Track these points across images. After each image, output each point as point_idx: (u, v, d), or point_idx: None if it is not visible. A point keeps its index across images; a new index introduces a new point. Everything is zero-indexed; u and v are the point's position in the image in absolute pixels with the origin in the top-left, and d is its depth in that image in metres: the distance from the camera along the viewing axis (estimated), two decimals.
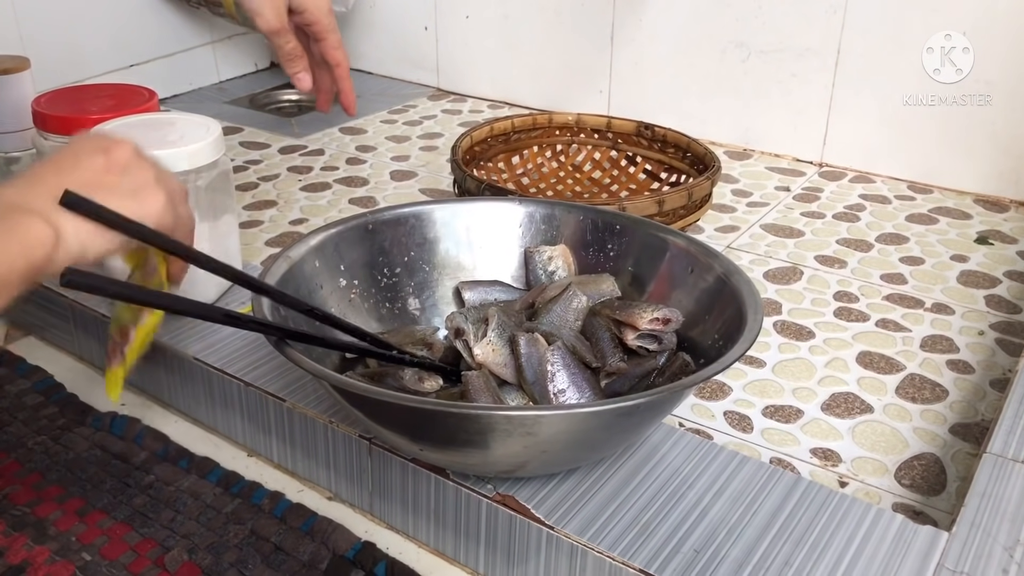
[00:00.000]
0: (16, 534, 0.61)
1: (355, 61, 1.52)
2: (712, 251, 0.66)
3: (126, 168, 0.54)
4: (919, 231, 1.00)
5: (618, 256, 0.71)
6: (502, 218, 0.73)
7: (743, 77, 1.17)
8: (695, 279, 0.66)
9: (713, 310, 0.63)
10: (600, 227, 0.72)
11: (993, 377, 0.75)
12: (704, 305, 0.64)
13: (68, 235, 0.49)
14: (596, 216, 0.72)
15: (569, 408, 0.56)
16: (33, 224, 0.48)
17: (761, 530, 0.54)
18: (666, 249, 0.68)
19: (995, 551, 0.52)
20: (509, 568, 0.57)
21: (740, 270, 0.63)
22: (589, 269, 0.72)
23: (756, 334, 0.55)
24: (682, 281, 0.67)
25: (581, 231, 0.72)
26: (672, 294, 0.67)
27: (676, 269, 0.68)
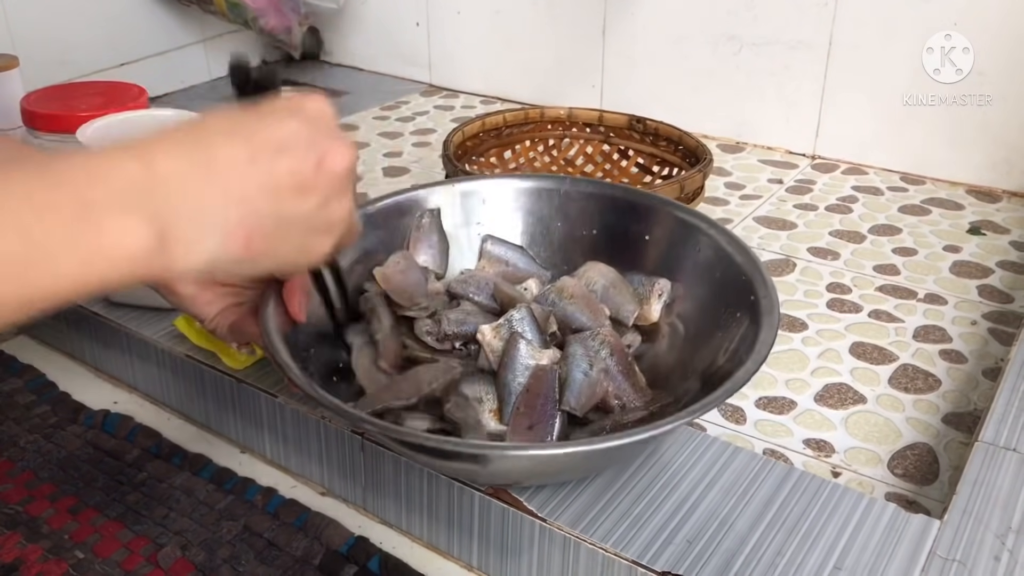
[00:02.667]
0: (9, 532, 0.61)
1: (347, 58, 1.52)
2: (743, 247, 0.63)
3: (328, 191, 0.41)
4: (912, 222, 1.00)
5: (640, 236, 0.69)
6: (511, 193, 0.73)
7: (735, 70, 1.17)
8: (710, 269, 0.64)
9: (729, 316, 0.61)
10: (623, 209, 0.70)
11: (986, 366, 0.75)
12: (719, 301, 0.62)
13: (182, 246, 0.37)
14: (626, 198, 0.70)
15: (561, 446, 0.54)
16: (131, 229, 0.36)
17: (753, 520, 0.54)
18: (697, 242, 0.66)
19: (987, 538, 0.52)
20: (502, 561, 0.57)
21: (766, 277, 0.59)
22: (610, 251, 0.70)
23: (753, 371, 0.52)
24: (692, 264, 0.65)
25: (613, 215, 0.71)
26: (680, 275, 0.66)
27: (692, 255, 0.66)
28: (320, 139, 0.40)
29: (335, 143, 0.41)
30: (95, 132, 0.74)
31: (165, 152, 0.37)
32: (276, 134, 0.40)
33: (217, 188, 0.38)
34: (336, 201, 0.42)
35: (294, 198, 0.40)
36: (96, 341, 0.78)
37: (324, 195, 0.41)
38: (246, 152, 0.39)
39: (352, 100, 1.38)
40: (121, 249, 0.36)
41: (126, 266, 0.36)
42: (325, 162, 0.40)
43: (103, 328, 0.76)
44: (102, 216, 0.35)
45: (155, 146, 0.38)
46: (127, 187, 0.36)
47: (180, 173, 0.37)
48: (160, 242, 0.36)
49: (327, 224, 0.42)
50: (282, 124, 0.40)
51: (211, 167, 0.38)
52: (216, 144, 0.38)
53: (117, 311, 0.76)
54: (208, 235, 0.38)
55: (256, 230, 0.39)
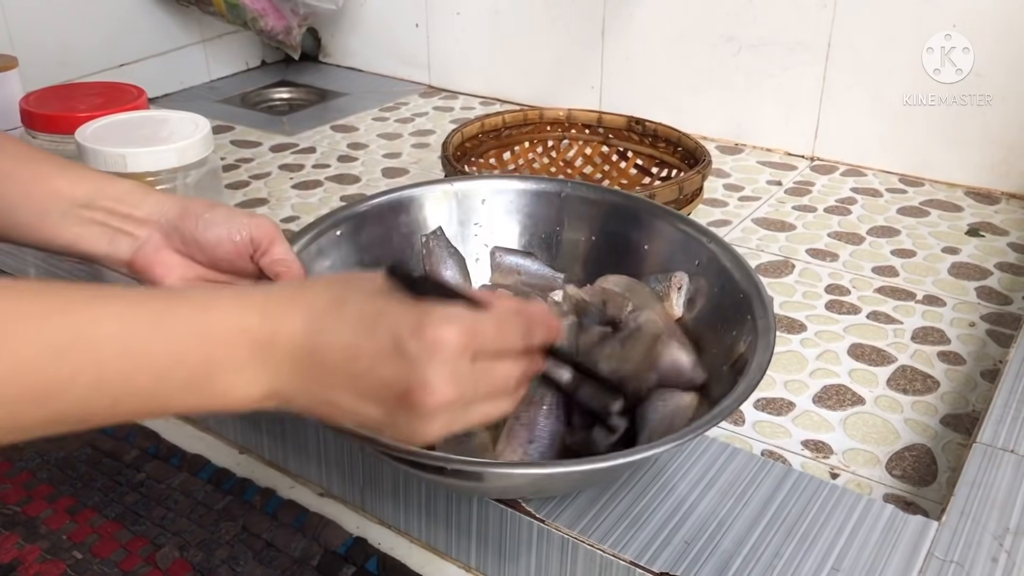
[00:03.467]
0: (7, 533, 0.61)
1: (346, 59, 1.52)
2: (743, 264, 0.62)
3: (403, 421, 0.43)
4: (910, 224, 1.00)
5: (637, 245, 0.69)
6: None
7: (734, 71, 1.17)
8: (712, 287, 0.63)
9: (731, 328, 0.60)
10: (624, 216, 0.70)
11: (984, 368, 0.75)
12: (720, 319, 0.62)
13: (283, 400, 0.43)
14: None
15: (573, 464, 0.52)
16: (240, 387, 0.42)
17: (752, 521, 0.54)
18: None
19: (985, 540, 0.52)
20: (501, 562, 0.57)
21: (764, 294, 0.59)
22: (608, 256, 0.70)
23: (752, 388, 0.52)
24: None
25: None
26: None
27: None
28: (417, 372, 0.41)
29: (430, 382, 0.42)
30: (94, 133, 0.74)
31: (291, 323, 0.42)
32: (379, 348, 0.42)
33: (317, 372, 0.42)
34: (416, 424, 0.43)
35: (372, 408, 0.43)
36: None
37: (402, 417, 0.43)
38: (350, 354, 0.42)
39: (351, 101, 1.38)
40: (231, 400, 0.42)
41: (230, 408, 0.42)
42: (409, 396, 0.42)
43: None
44: (223, 374, 0.41)
45: (287, 311, 0.42)
46: (252, 347, 0.41)
47: (296, 347, 0.42)
48: (263, 397, 0.42)
49: (405, 436, 0.44)
50: (388, 341, 0.42)
51: (319, 352, 0.42)
52: (330, 333, 0.42)
53: None
54: (299, 401, 0.43)
55: (335, 414, 0.44)
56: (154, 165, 0.72)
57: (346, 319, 0.42)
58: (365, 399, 0.43)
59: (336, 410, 0.43)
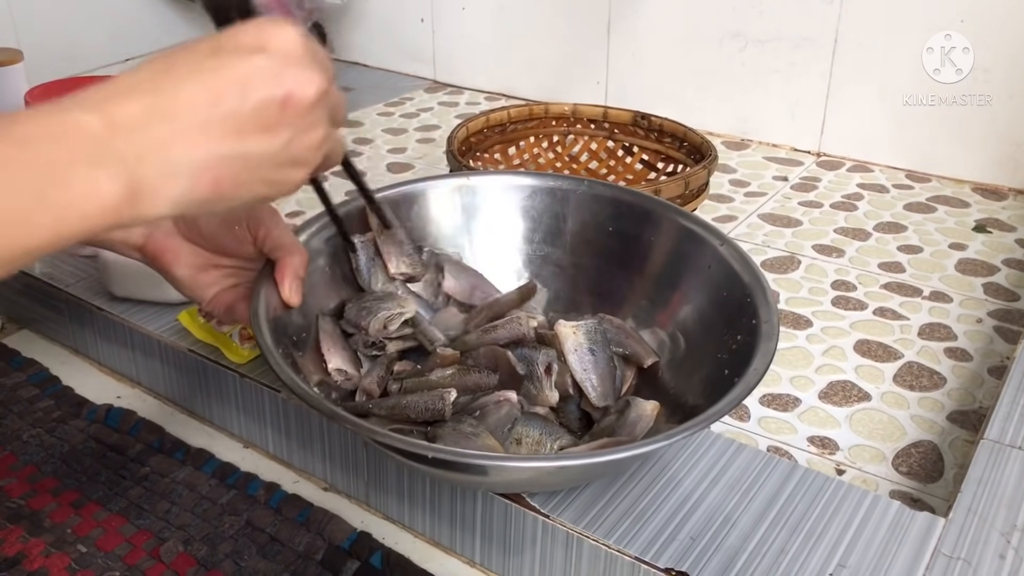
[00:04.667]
0: (11, 526, 0.61)
1: (351, 54, 1.52)
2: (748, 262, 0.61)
3: (296, 126, 0.40)
4: (917, 220, 1.00)
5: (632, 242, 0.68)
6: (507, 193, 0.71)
7: (740, 67, 1.17)
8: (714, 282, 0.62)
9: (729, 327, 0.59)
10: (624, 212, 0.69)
11: (991, 364, 0.75)
12: (719, 316, 0.61)
13: (150, 194, 0.37)
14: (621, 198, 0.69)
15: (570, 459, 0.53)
16: (99, 184, 0.36)
17: (757, 517, 0.54)
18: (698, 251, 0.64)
19: (992, 536, 0.52)
20: (505, 557, 0.57)
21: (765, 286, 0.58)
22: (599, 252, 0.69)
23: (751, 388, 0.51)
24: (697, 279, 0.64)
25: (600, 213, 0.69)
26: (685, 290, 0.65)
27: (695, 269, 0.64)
28: (286, 72, 0.39)
29: (301, 74, 0.40)
30: None
31: (123, 102, 0.37)
32: (238, 72, 0.39)
33: (179, 133, 0.37)
34: (306, 134, 0.41)
35: (260, 137, 0.39)
36: (99, 336, 0.78)
37: (292, 131, 0.40)
38: (207, 94, 0.38)
39: (356, 96, 1.38)
40: (92, 203, 0.36)
41: (98, 219, 0.36)
42: (292, 97, 0.39)
43: (106, 323, 0.76)
44: (69, 174, 0.35)
45: (113, 96, 0.37)
46: (90, 142, 0.36)
47: (141, 121, 0.37)
48: (129, 192, 0.36)
49: (297, 158, 0.41)
50: (245, 61, 0.39)
51: (172, 112, 0.37)
52: (176, 87, 0.38)
53: (120, 306, 0.76)
54: (175, 180, 0.38)
55: (223, 171, 0.39)
56: None
57: (186, 70, 0.38)
58: (247, 133, 0.39)
59: (222, 169, 0.39)
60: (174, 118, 0.37)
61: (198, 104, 0.38)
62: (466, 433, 0.55)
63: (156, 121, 0.37)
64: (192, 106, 0.38)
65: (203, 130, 0.38)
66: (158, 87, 0.38)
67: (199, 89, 0.38)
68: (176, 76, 0.38)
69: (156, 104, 0.37)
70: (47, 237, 0.35)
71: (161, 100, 0.38)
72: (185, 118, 0.38)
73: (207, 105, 0.38)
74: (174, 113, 0.37)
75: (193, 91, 0.38)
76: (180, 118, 0.37)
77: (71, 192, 0.35)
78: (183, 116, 0.38)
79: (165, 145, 0.37)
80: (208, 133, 0.38)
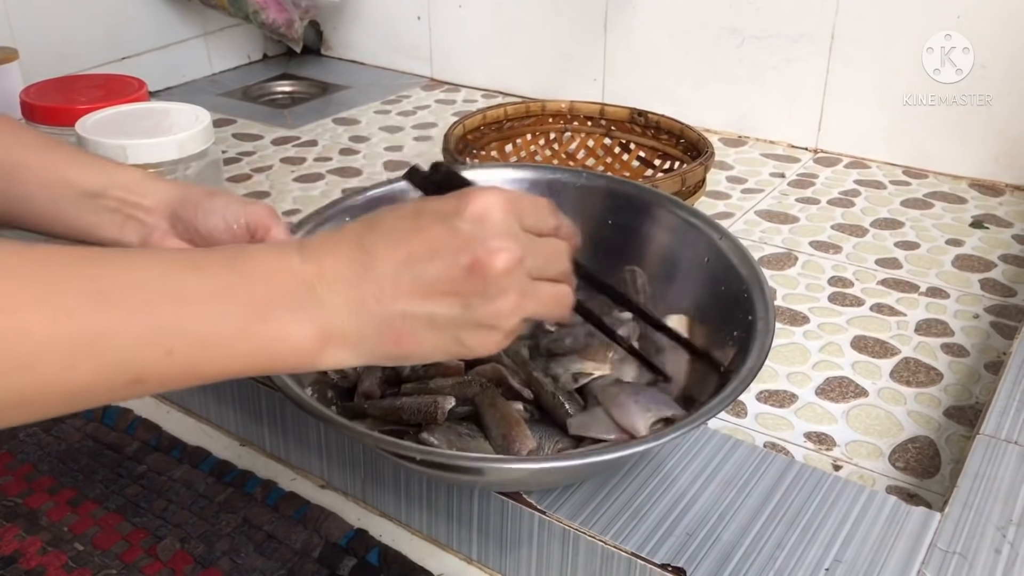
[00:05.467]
0: (8, 525, 0.61)
1: (348, 52, 1.52)
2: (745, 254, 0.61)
3: (478, 293, 0.41)
4: (914, 216, 1.00)
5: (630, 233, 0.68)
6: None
7: (737, 63, 1.17)
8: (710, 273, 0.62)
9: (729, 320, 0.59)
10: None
11: (988, 360, 0.75)
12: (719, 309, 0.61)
13: (340, 342, 0.40)
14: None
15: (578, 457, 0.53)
16: (297, 325, 0.39)
17: (754, 513, 0.54)
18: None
19: (988, 531, 0.52)
20: (502, 554, 0.57)
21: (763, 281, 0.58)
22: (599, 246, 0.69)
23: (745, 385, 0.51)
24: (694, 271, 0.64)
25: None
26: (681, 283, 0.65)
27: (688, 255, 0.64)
28: (476, 240, 0.41)
29: (492, 243, 0.41)
30: (95, 124, 0.74)
31: (331, 253, 0.41)
32: (431, 235, 0.41)
33: (373, 290, 0.40)
34: (493, 302, 0.42)
35: (444, 300, 0.41)
36: None
37: (477, 298, 0.41)
38: (402, 253, 0.41)
39: (353, 94, 1.38)
40: (287, 344, 0.39)
41: (289, 358, 0.40)
42: (477, 265, 0.41)
43: None
44: (272, 311, 0.39)
45: (323, 246, 0.41)
46: (296, 285, 0.39)
47: (344, 276, 0.40)
48: (320, 340, 0.40)
49: (485, 324, 0.42)
50: (441, 224, 0.41)
51: (370, 269, 0.40)
52: (376, 247, 0.41)
53: None
54: (364, 335, 0.41)
55: (406, 329, 0.41)
56: (154, 156, 0.72)
57: (386, 230, 0.41)
58: (433, 295, 0.41)
59: (406, 326, 0.41)
60: (371, 276, 0.40)
61: (392, 262, 0.40)
62: (461, 434, 0.55)
63: (356, 273, 0.40)
64: (387, 263, 0.40)
65: (394, 286, 0.40)
66: (361, 246, 0.41)
67: (395, 248, 0.41)
68: (378, 233, 0.42)
69: (357, 261, 0.40)
70: (238, 366, 0.39)
71: (362, 258, 0.41)
72: (379, 278, 0.40)
73: (400, 264, 0.40)
74: (371, 272, 0.40)
75: (390, 249, 0.41)
76: (375, 277, 0.40)
77: (270, 328, 0.39)
78: (379, 271, 0.40)
79: (362, 298, 0.40)
80: (397, 290, 0.40)
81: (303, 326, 0.39)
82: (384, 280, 0.40)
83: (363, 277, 0.40)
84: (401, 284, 0.40)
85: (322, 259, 0.40)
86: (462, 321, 0.42)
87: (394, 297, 0.40)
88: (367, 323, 0.40)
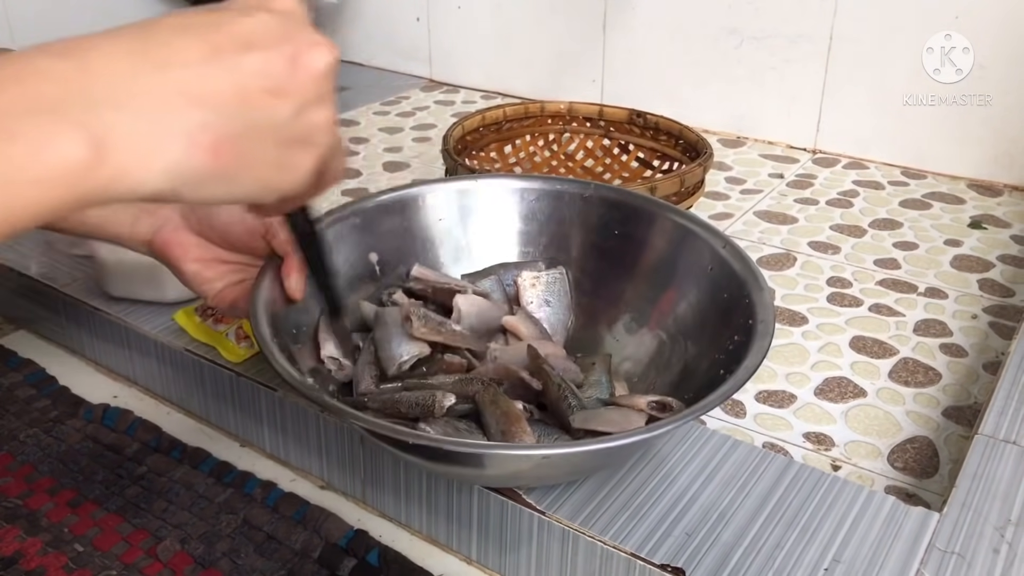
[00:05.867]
0: (8, 526, 0.61)
1: (347, 53, 1.52)
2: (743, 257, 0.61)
3: (305, 93, 0.35)
4: (912, 216, 1.00)
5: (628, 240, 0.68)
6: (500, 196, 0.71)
7: (736, 64, 1.17)
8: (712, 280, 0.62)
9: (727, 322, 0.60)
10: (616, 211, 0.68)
11: (986, 360, 0.75)
12: (717, 312, 0.61)
13: (132, 155, 0.31)
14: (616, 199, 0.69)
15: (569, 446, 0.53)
16: (55, 137, 0.29)
17: (753, 513, 0.54)
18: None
19: (986, 531, 0.52)
20: (501, 554, 0.57)
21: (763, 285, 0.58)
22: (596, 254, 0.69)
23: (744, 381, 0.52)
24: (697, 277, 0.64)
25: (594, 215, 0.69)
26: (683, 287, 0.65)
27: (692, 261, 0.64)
28: (294, 35, 0.35)
29: (312, 37, 0.35)
30: None
31: (105, 50, 0.31)
32: (241, 27, 0.34)
33: (171, 87, 0.32)
34: (316, 107, 0.36)
35: (265, 100, 0.34)
36: (96, 335, 0.78)
37: (301, 99, 0.35)
38: (206, 47, 0.33)
39: (352, 96, 1.38)
40: (46, 160, 0.29)
41: (60, 184, 0.29)
42: (301, 60, 0.34)
43: (103, 322, 0.76)
44: (17, 122, 0.29)
45: (93, 44, 0.31)
46: (52, 89, 0.30)
47: (122, 71, 0.31)
48: (98, 151, 0.30)
49: (307, 134, 0.36)
50: (248, 17, 0.34)
51: (163, 64, 0.32)
52: (169, 40, 0.32)
53: (117, 305, 0.76)
54: (164, 142, 0.31)
55: (224, 136, 0.33)
56: None
57: (177, 25, 0.33)
58: (251, 93, 0.33)
59: (221, 132, 0.33)
60: (165, 71, 0.32)
61: (193, 56, 0.32)
62: (459, 429, 0.55)
63: (144, 70, 0.31)
64: (187, 57, 0.32)
65: (199, 86, 0.32)
66: (147, 39, 0.32)
67: (195, 41, 0.33)
68: (167, 29, 0.33)
69: (143, 56, 0.32)
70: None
71: (150, 52, 0.32)
72: (178, 72, 0.32)
73: (204, 57, 0.32)
74: (165, 62, 0.32)
75: (188, 43, 0.33)
76: (172, 72, 0.32)
77: (16, 143, 0.28)
78: (176, 67, 0.32)
79: (152, 99, 0.31)
80: (205, 89, 0.32)
81: (65, 136, 0.29)
82: (188, 76, 0.32)
83: (157, 73, 0.31)
84: (210, 80, 0.32)
85: (89, 57, 0.31)
86: (283, 130, 0.35)
87: (202, 96, 0.32)
88: (170, 128, 0.31)
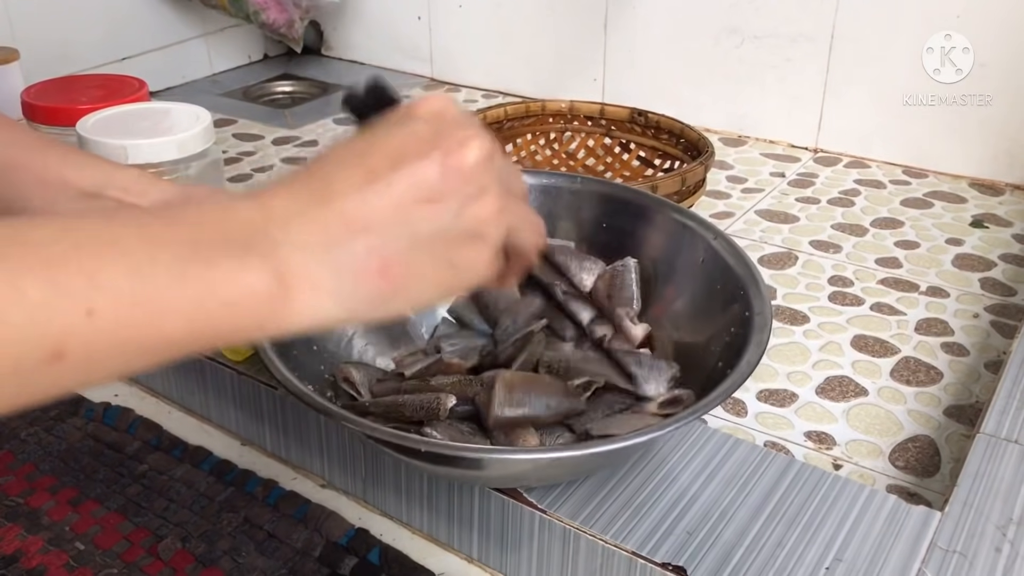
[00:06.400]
0: (9, 524, 0.61)
1: (348, 52, 1.52)
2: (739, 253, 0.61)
3: (462, 191, 0.36)
4: (914, 215, 1.00)
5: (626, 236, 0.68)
6: None
7: (737, 63, 1.17)
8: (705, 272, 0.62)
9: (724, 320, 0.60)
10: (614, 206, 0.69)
11: (988, 359, 0.75)
12: (713, 305, 0.61)
13: (308, 285, 0.34)
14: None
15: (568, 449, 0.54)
16: (245, 267, 0.32)
17: (754, 512, 0.54)
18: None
19: (988, 530, 0.52)
20: (502, 553, 0.57)
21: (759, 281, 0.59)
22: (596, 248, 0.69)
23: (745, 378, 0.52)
24: (690, 270, 0.64)
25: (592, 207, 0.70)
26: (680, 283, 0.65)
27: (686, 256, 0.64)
28: (443, 136, 0.36)
29: (459, 135, 0.36)
30: (95, 125, 0.74)
31: (280, 193, 0.35)
32: (392, 143, 0.36)
33: (334, 219, 0.34)
34: (476, 202, 0.37)
35: (424, 210, 0.35)
36: None
37: (459, 198, 0.36)
38: (362, 172, 0.35)
39: None
40: (234, 289, 0.32)
41: (247, 310, 0.33)
42: (450, 161, 0.36)
43: None
44: (214, 253, 0.32)
45: (271, 189, 0.35)
46: (241, 228, 0.33)
47: (297, 210, 0.34)
48: (280, 285, 0.33)
49: (473, 230, 0.37)
50: (394, 134, 0.36)
51: (326, 199, 0.34)
52: (332, 174, 0.35)
53: None
54: (336, 273, 0.34)
55: (390, 256, 0.35)
56: (155, 156, 0.72)
57: (337, 159, 0.36)
58: (409, 208, 0.35)
59: (388, 253, 0.35)
60: (328, 202, 0.34)
61: (353, 184, 0.35)
62: (463, 432, 0.55)
63: (311, 208, 0.34)
64: (346, 187, 0.35)
65: (361, 210, 0.34)
66: (312, 177, 0.35)
67: (353, 170, 0.35)
68: (330, 164, 0.36)
69: (311, 193, 0.35)
70: (182, 328, 0.31)
71: (316, 188, 0.35)
72: (339, 201, 0.34)
73: (361, 183, 0.35)
74: (329, 197, 0.34)
75: (348, 173, 0.35)
76: (334, 201, 0.34)
77: (212, 271, 0.32)
78: (337, 198, 0.34)
79: (325, 231, 0.34)
80: (367, 213, 0.34)
81: (254, 271, 0.32)
82: (348, 207, 0.34)
83: (322, 209, 0.34)
84: (369, 205, 0.34)
85: (269, 201, 0.34)
86: (449, 232, 0.36)
87: (365, 222, 0.34)
88: (339, 259, 0.34)
